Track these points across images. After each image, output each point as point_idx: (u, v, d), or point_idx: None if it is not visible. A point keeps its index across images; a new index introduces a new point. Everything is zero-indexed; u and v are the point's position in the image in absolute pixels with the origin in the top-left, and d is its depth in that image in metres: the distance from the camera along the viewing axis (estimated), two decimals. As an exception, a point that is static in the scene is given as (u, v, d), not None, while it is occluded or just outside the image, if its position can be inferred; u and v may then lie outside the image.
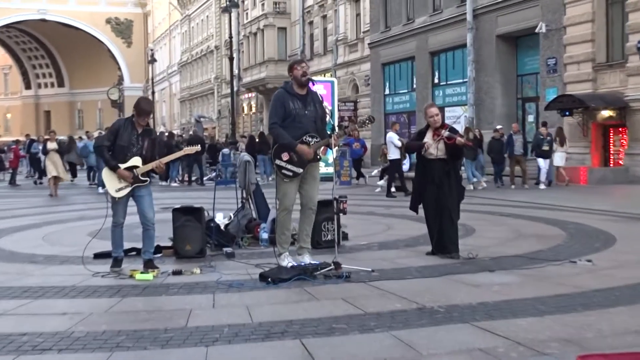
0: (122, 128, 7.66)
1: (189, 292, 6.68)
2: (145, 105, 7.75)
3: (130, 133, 7.65)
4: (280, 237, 7.80)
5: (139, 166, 7.68)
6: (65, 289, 6.91)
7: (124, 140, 7.63)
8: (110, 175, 7.67)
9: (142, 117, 7.66)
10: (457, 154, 8.58)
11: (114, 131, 7.71)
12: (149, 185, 7.86)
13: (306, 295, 6.42)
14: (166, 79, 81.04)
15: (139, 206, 7.77)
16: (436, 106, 8.80)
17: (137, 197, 7.75)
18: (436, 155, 8.45)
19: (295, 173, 7.63)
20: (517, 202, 15.55)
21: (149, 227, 7.75)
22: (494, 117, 26.00)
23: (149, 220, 7.75)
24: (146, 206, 7.75)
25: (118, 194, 7.66)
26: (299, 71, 7.67)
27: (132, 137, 7.65)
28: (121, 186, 7.65)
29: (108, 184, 7.68)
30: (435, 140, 8.43)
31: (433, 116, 8.51)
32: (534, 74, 25.10)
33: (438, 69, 30.50)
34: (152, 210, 7.83)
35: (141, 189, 7.73)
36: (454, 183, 8.44)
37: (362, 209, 14.31)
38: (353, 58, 37.55)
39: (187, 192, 21.57)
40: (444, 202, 8.32)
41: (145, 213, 7.74)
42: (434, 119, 8.51)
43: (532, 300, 6.04)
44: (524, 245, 9.22)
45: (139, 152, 7.70)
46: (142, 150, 7.71)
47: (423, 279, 7.11)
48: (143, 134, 7.73)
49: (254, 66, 47.77)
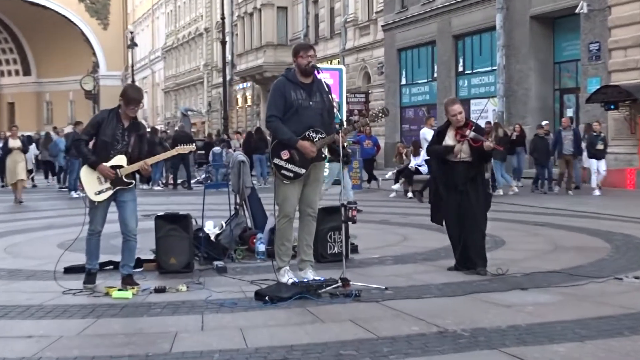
0: (105, 121, 7.63)
1: (174, 313, 6.68)
2: (134, 92, 7.76)
3: (115, 127, 7.62)
4: (280, 249, 7.80)
5: (124, 166, 7.67)
6: (31, 308, 6.91)
7: (108, 135, 7.60)
8: (89, 175, 7.65)
9: (131, 107, 7.64)
10: (485, 157, 8.58)
11: (96, 124, 7.67)
12: (134, 189, 7.86)
13: (309, 317, 6.42)
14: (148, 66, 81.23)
15: (121, 213, 7.77)
16: (459, 102, 8.77)
17: (119, 202, 7.75)
18: (459, 157, 8.43)
19: (296, 174, 7.63)
20: (554, 209, 15.53)
21: (130, 238, 7.76)
22: (527, 110, 25.99)
23: (131, 231, 7.75)
24: (129, 214, 7.75)
25: (98, 198, 7.64)
26: (304, 60, 7.67)
27: (116, 132, 7.63)
28: (102, 188, 7.63)
29: (87, 185, 7.66)
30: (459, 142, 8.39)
31: (456, 115, 8.46)
32: (574, 61, 25.08)
33: (463, 55, 30.50)
34: (135, 219, 7.84)
35: (125, 193, 7.73)
36: (480, 189, 8.43)
37: (374, 217, 14.30)
38: (364, 42, 37.58)
39: (172, 196, 21.60)
40: (468, 211, 8.31)
41: (127, 222, 7.74)
42: (457, 118, 8.46)
43: (572, 323, 6.02)
44: (562, 259, 9.21)
45: (124, 150, 7.68)
46: (128, 147, 7.69)
47: (444, 298, 7.10)
48: (130, 128, 7.71)
49: (250, 52, 47.84)
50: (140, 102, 7.78)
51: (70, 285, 7.80)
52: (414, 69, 34.14)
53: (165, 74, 74.66)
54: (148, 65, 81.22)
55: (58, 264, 8.32)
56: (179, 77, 69.72)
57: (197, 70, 64.07)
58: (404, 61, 34.67)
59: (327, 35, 41.68)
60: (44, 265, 8.59)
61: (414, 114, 33.95)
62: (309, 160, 7.64)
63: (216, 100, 57.87)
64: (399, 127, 34.45)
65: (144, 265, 8.85)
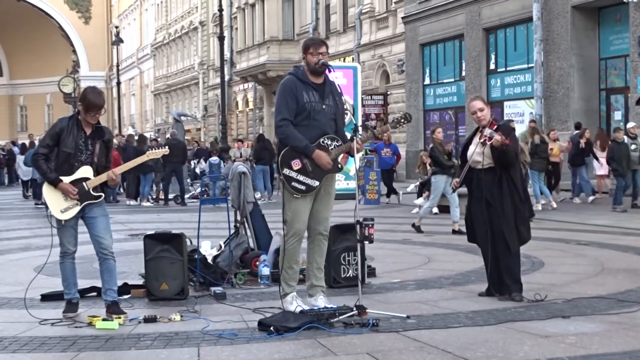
0: (65, 130, 7.69)
1: (166, 345, 6.71)
2: (95, 97, 7.76)
3: (77, 136, 7.69)
4: (287, 273, 7.82)
5: (90, 178, 7.75)
6: (4, 340, 6.94)
7: (69, 146, 7.67)
8: (51, 192, 7.73)
9: (92, 113, 7.70)
10: (504, 161, 8.48)
11: (55, 135, 7.72)
12: (104, 204, 7.95)
13: (320, 350, 6.45)
14: (136, 65, 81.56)
15: (92, 230, 7.83)
16: (482, 99, 8.76)
17: (88, 219, 7.82)
18: (483, 163, 8.42)
19: (309, 187, 7.65)
20: (600, 226, 15.51)
21: (107, 256, 7.81)
22: (568, 113, 25.97)
23: (107, 247, 7.80)
24: (102, 230, 7.81)
25: (65, 216, 7.72)
26: (314, 57, 7.72)
27: (79, 141, 7.70)
28: (68, 205, 7.71)
29: (51, 203, 7.74)
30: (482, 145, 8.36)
31: (475, 112, 8.47)
32: (622, 57, 25.06)
33: (495, 51, 30.51)
34: (109, 235, 7.90)
35: (93, 209, 7.80)
36: (509, 200, 8.35)
37: (395, 235, 14.31)
38: (382, 37, 37.66)
39: (164, 213, 21.66)
40: (498, 226, 8.29)
41: (101, 239, 7.80)
42: (477, 116, 8.46)
43: (620, 356, 6.03)
44: (610, 283, 9.21)
45: (89, 160, 7.76)
46: (93, 156, 7.77)
47: (474, 328, 7.11)
48: (93, 135, 7.79)
49: (251, 48, 48.03)
50: (102, 108, 7.78)
51: (48, 314, 7.84)
52: (439, 67, 34.16)
53: (155, 74, 74.93)
54: (135, 64, 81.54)
55: (33, 290, 8.36)
56: (170, 78, 69.96)
57: (191, 69, 64.31)
58: (427, 58, 34.68)
59: (339, 29, 41.79)
60: (20, 292, 8.64)
61: (440, 118, 33.93)
62: (324, 171, 7.67)
63: (213, 104, 58.07)
64: (423, 133, 34.41)
65: (132, 291, 8.88)
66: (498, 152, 8.28)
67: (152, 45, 75.08)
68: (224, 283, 9.24)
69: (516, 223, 8.35)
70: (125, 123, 74.52)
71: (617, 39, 25.40)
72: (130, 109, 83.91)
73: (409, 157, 32.41)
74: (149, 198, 25.65)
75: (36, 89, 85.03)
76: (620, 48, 25.17)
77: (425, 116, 34.57)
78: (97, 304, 8.19)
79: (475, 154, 8.46)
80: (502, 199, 8.32)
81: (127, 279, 9.48)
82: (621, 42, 25.04)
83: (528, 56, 28.07)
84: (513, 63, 29.45)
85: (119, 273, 8.31)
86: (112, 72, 75.26)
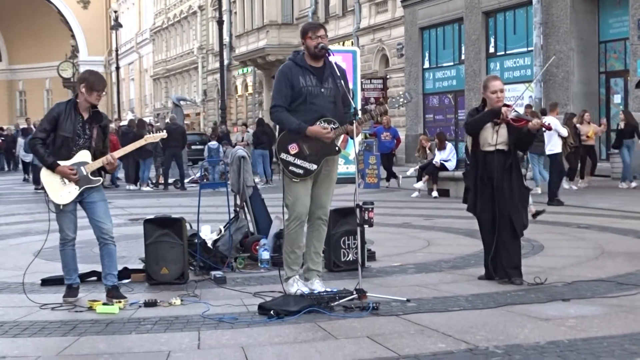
0: (63, 114, 7.69)
1: (167, 329, 6.71)
2: (98, 78, 7.78)
3: (75, 120, 7.70)
4: (290, 257, 7.84)
5: (89, 162, 7.76)
6: (4, 325, 6.95)
7: (67, 130, 7.67)
8: (50, 177, 7.73)
9: (95, 95, 7.69)
10: (526, 143, 8.51)
11: (52, 120, 7.72)
12: (102, 188, 7.96)
13: (321, 333, 6.45)
14: (135, 50, 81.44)
15: (92, 215, 7.83)
16: (501, 80, 8.74)
17: (87, 204, 7.82)
18: (495, 145, 8.34)
19: (307, 171, 7.67)
20: (600, 209, 15.52)
21: (107, 241, 7.81)
22: (568, 97, 25.93)
23: (108, 232, 7.81)
24: (101, 214, 7.82)
25: (64, 200, 7.72)
26: (313, 41, 7.72)
27: (76, 126, 7.71)
28: (67, 189, 7.72)
29: (49, 188, 7.74)
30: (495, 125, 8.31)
31: (497, 91, 8.36)
32: (622, 40, 25.02)
33: (494, 34, 30.45)
34: (109, 219, 7.91)
35: (92, 193, 7.80)
36: (515, 184, 8.37)
37: (395, 219, 14.31)
38: (381, 20, 37.59)
39: (163, 198, 21.67)
40: (503, 210, 8.28)
41: (101, 223, 7.80)
42: (497, 96, 8.37)
43: (620, 338, 6.03)
44: (610, 266, 9.21)
45: (87, 145, 7.76)
46: (91, 141, 7.77)
47: (474, 311, 7.11)
48: (91, 120, 7.79)
49: (251, 32, 47.93)
50: (104, 89, 7.83)
51: (49, 299, 7.85)
52: (438, 51, 34.10)
53: (154, 59, 74.81)
54: (134, 49, 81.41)
55: (33, 275, 8.38)
56: (169, 62, 69.88)
57: (190, 54, 64.21)
58: (427, 42, 34.62)
59: (338, 13, 41.71)
60: (20, 276, 8.63)
61: (439, 101, 33.92)
62: (321, 154, 7.67)
63: (212, 88, 58.01)
64: (422, 117, 34.41)
65: (132, 275, 8.89)
66: (524, 135, 8.24)
67: (151, 29, 74.94)
68: (224, 267, 9.25)
69: (520, 208, 8.36)
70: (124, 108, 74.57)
71: (616, 22, 25.35)
72: (129, 94, 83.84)
73: (409, 141, 32.38)
74: (148, 183, 25.66)
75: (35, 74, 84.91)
76: (620, 31, 25.12)
77: (425, 100, 34.54)
78: (98, 288, 8.20)
79: (488, 136, 8.38)
80: (511, 183, 8.31)
81: (127, 263, 9.48)
82: (621, 25, 24.99)
83: (527, 39, 28.00)
84: (512, 46, 29.40)
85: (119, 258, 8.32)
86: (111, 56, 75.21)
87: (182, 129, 28.15)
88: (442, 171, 19.52)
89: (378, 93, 36.23)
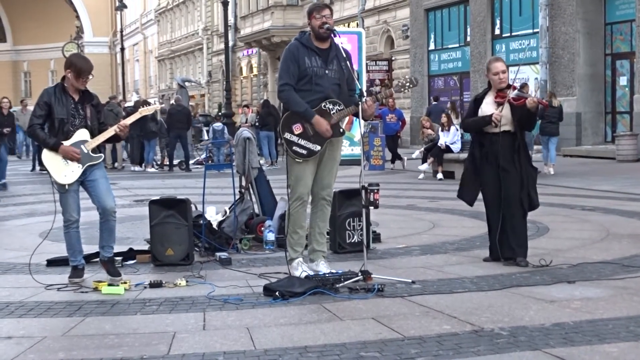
0: (53, 98, 7.79)
1: (172, 310, 6.73)
2: (84, 62, 7.88)
3: (67, 103, 7.80)
4: (292, 238, 7.85)
5: (88, 140, 7.83)
6: (10, 305, 6.98)
7: (62, 113, 7.77)
8: (52, 158, 7.79)
9: (83, 79, 7.80)
10: (529, 122, 8.51)
11: (44, 105, 7.80)
12: (102, 166, 8.03)
13: (326, 314, 6.46)
14: (140, 31, 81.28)
15: (94, 193, 7.89)
16: (503, 60, 8.75)
17: (89, 182, 7.88)
18: (500, 127, 8.34)
19: (310, 151, 7.67)
20: (606, 191, 15.50)
21: (110, 217, 7.90)
22: (574, 79, 25.88)
23: (111, 209, 7.88)
24: (103, 191, 7.88)
25: (67, 179, 7.76)
26: (318, 21, 7.72)
27: (69, 107, 7.81)
28: (70, 169, 7.77)
29: (52, 170, 7.79)
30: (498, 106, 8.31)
31: (499, 73, 8.40)
32: (628, 22, 24.93)
33: (500, 15, 30.36)
34: (112, 196, 7.98)
35: (94, 171, 7.87)
36: (524, 164, 8.36)
37: (400, 201, 14.32)
38: (386, 2, 37.44)
39: (168, 179, 21.69)
40: (510, 191, 8.25)
41: (104, 201, 7.85)
42: (500, 77, 8.40)
43: (625, 320, 6.04)
44: (615, 248, 9.21)
45: (83, 124, 7.87)
46: (87, 120, 7.88)
47: (479, 293, 7.12)
48: (81, 100, 7.90)
49: (256, 13, 47.78)
50: (91, 72, 7.90)
51: (54, 279, 7.88)
52: (443, 32, 34.01)
53: (159, 40, 74.70)
54: (139, 29, 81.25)
55: (39, 256, 8.40)
56: (174, 43, 69.74)
57: (195, 35, 64.06)
58: (432, 23, 34.54)
59: (343, -6, 41.54)
60: (25, 257, 8.66)
61: (445, 83, 33.85)
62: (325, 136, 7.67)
63: (217, 70, 57.87)
64: (427, 98, 34.35)
65: (137, 257, 8.92)
66: (525, 113, 8.24)
67: (155, 10, 74.79)
68: (229, 248, 9.27)
69: (528, 188, 8.35)
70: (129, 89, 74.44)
71: (622, 4, 25.26)
72: (134, 75, 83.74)
73: (414, 123, 32.35)
74: (153, 164, 25.68)
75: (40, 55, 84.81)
76: (626, 13, 25.04)
77: (430, 82, 34.49)
78: (103, 269, 8.21)
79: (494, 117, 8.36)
80: (520, 164, 8.31)
81: (132, 244, 9.50)
82: (627, 7, 24.90)
83: (533, 21, 27.93)
84: (518, 28, 29.32)
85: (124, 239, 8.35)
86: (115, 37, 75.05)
87: (187, 110, 28.12)
88: (447, 153, 19.49)
89: (383, 75, 36.14)
